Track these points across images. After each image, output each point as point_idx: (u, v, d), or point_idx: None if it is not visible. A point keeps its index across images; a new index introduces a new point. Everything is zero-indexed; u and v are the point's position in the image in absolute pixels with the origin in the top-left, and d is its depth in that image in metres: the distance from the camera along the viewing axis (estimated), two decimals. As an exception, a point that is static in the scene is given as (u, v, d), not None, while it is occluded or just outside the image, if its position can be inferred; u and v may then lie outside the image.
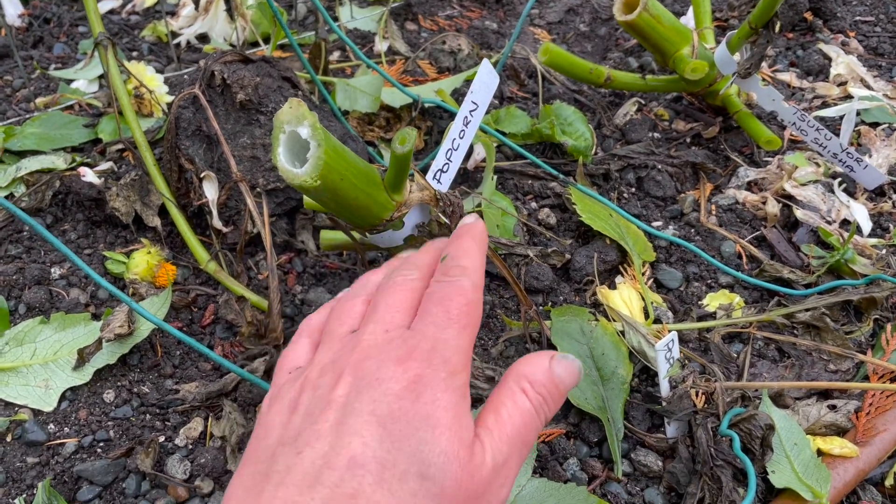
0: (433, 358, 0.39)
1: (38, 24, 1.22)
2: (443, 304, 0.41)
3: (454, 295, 0.42)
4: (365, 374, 0.38)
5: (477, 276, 0.44)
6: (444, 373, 0.38)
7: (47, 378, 0.65)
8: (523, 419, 0.40)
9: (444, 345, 0.39)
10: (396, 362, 0.38)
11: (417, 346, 0.39)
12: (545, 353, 0.43)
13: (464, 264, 0.44)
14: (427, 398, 0.37)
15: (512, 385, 0.41)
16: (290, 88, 0.80)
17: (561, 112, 0.92)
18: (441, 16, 1.29)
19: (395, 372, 0.38)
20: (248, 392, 0.64)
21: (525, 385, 0.41)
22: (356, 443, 0.35)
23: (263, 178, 0.76)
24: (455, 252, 0.45)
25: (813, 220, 0.83)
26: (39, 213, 0.82)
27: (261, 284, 0.76)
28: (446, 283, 0.43)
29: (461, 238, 0.47)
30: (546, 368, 0.42)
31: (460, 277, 0.43)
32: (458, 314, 0.41)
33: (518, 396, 0.41)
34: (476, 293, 0.42)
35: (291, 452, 0.36)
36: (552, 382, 0.41)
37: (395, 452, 0.35)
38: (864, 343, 0.71)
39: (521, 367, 0.42)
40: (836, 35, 1.21)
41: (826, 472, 0.58)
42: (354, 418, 0.36)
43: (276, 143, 0.50)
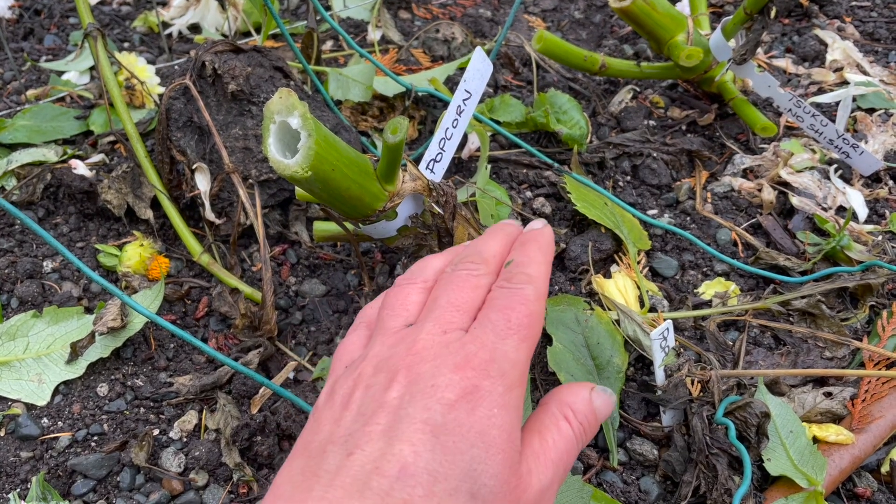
0: (491, 369, 0.38)
1: (29, 15, 1.21)
2: (504, 312, 0.40)
3: (517, 304, 0.40)
4: (419, 379, 0.37)
5: (542, 286, 0.43)
6: (502, 387, 0.37)
7: (40, 372, 0.65)
8: (566, 445, 0.40)
9: (503, 356, 0.38)
10: (453, 369, 0.37)
11: (476, 355, 0.38)
12: (586, 385, 0.44)
13: (529, 272, 0.43)
14: (482, 413, 0.36)
15: (555, 411, 0.42)
16: (282, 78, 0.80)
17: (555, 100, 0.92)
18: (435, 4, 1.28)
19: (452, 379, 0.37)
20: (243, 385, 0.64)
21: (568, 413, 0.42)
22: (408, 451, 0.34)
23: (256, 170, 0.75)
24: (521, 258, 0.44)
25: (809, 207, 0.83)
26: (31, 207, 0.81)
27: (254, 276, 0.75)
28: (509, 290, 0.41)
29: (528, 245, 0.46)
30: (587, 399, 0.43)
31: (525, 286, 0.42)
32: (519, 325, 0.40)
33: (562, 423, 0.41)
34: (539, 304, 0.42)
35: (342, 452, 0.35)
36: (592, 413, 0.42)
37: (447, 466, 0.34)
38: (859, 330, 0.71)
39: (564, 396, 0.43)
40: (832, 20, 1.20)
41: (822, 459, 0.58)
42: (407, 424, 0.35)
43: (267, 134, 0.50)
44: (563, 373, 0.63)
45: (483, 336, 0.39)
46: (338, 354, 0.46)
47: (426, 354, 0.38)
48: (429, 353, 0.39)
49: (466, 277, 0.43)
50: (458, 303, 0.41)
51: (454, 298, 0.42)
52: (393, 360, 0.39)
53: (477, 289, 0.43)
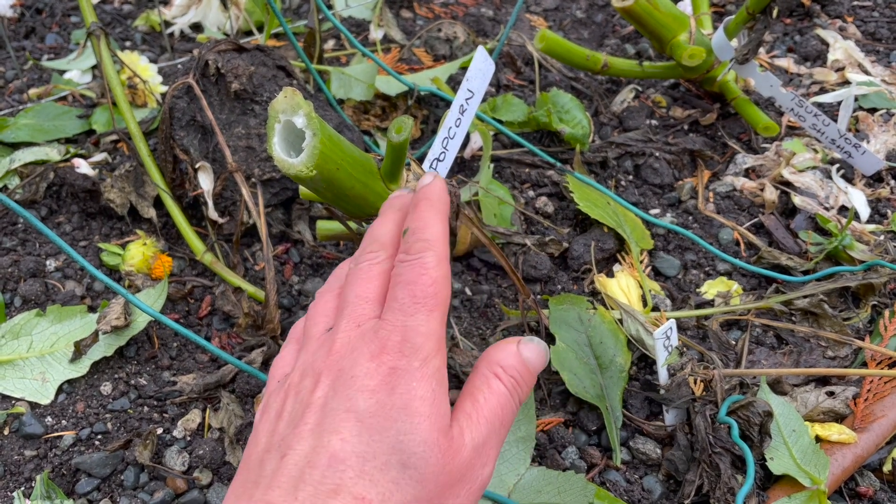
0: (404, 348, 0.39)
1: (31, 14, 1.21)
2: (408, 287, 0.41)
3: (418, 276, 0.41)
4: (341, 374, 0.39)
5: (440, 248, 0.43)
6: (418, 361, 0.39)
7: (44, 371, 0.65)
8: (499, 401, 0.41)
9: (415, 332, 0.39)
10: (370, 358, 0.39)
11: (389, 339, 0.39)
12: (512, 339, 0.44)
13: (426, 237, 0.43)
14: (402, 389, 0.37)
15: (485, 371, 0.43)
16: (285, 77, 0.80)
17: (558, 100, 0.92)
18: (437, 3, 1.28)
19: (370, 368, 0.38)
20: (246, 383, 0.64)
21: (497, 370, 0.42)
22: (335, 440, 0.36)
23: (259, 169, 0.75)
24: (415, 223, 0.44)
25: (811, 207, 0.83)
26: (34, 206, 0.81)
27: (257, 275, 0.76)
28: (409, 263, 0.42)
29: (419, 206, 0.46)
30: (515, 352, 0.43)
31: (423, 254, 0.42)
32: (425, 296, 0.40)
33: (492, 381, 0.42)
34: (440, 268, 0.42)
35: (276, 457, 0.37)
36: (522, 365, 0.43)
37: (374, 445, 0.36)
38: (862, 329, 0.71)
39: (491, 354, 0.44)
40: (833, 20, 1.20)
41: (824, 458, 0.58)
42: (332, 417, 0.37)
43: (272, 133, 0.50)
44: (566, 372, 0.63)
45: (392, 318, 0.40)
46: (271, 372, 0.47)
47: (344, 351, 0.40)
48: (346, 348, 0.40)
49: (368, 268, 0.44)
50: (364, 294, 0.42)
51: (360, 291, 0.43)
52: (316, 363, 0.41)
53: (381, 275, 0.43)
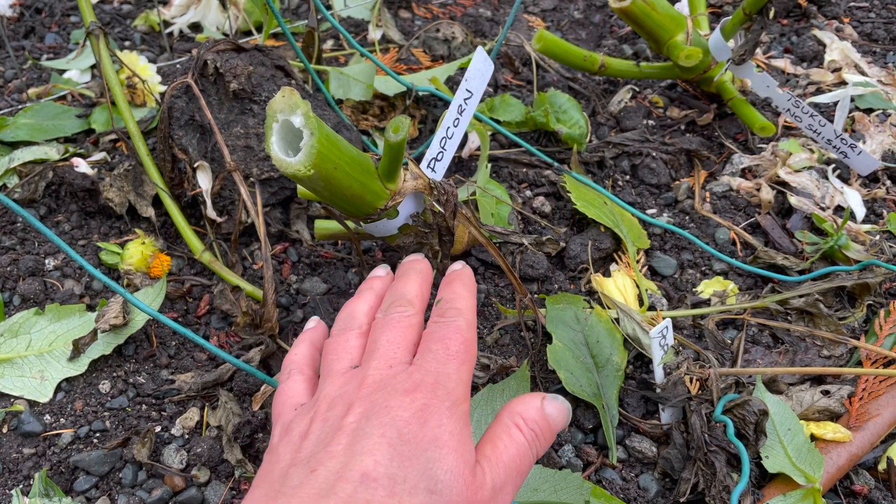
0: (437, 390, 0.42)
1: (30, 14, 1.21)
2: (443, 342, 0.45)
3: (452, 334, 0.45)
4: (374, 404, 0.41)
5: (471, 316, 0.47)
6: (448, 402, 0.41)
7: (43, 369, 0.65)
8: (518, 451, 0.43)
9: (447, 378, 0.43)
10: (404, 393, 0.41)
11: (423, 380, 0.42)
12: (538, 394, 0.46)
13: (459, 306, 0.48)
14: (433, 423, 0.40)
15: (507, 421, 0.45)
16: (284, 77, 0.80)
17: (555, 100, 0.92)
18: (435, 3, 1.28)
19: (403, 401, 0.41)
20: (244, 382, 0.65)
21: (519, 421, 0.44)
22: (368, 460, 0.37)
23: (257, 168, 0.76)
24: (449, 296, 0.49)
25: (807, 207, 0.83)
26: (33, 205, 0.81)
27: (256, 274, 0.76)
28: (443, 323, 0.46)
29: (453, 283, 0.51)
30: (538, 407, 0.45)
31: (456, 318, 0.46)
32: (457, 351, 0.44)
33: (513, 431, 0.44)
34: (471, 332, 0.46)
35: (304, 471, 0.38)
36: (544, 420, 0.45)
37: (405, 469, 0.38)
38: (857, 329, 0.72)
39: (515, 405, 0.46)
40: (830, 21, 1.21)
41: (819, 456, 0.58)
42: (366, 440, 0.39)
43: (270, 132, 0.50)
44: (563, 371, 0.63)
45: (427, 365, 0.43)
46: (279, 401, 0.48)
47: (377, 386, 0.42)
48: (379, 384, 0.42)
49: (399, 319, 0.47)
50: (397, 341, 0.46)
51: (393, 338, 0.46)
52: (346, 395, 0.43)
53: (410, 327, 0.47)
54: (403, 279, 0.52)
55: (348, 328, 0.50)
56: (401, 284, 0.52)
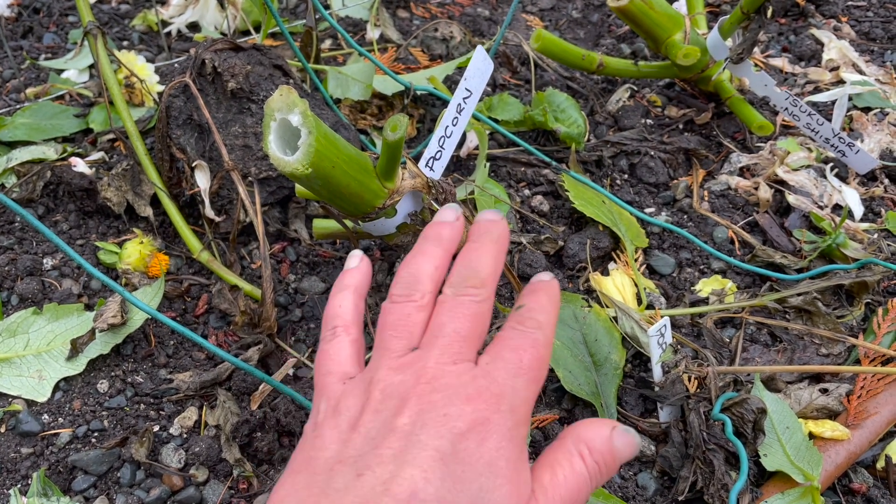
0: (501, 404, 0.38)
1: (28, 13, 1.21)
2: (517, 353, 0.41)
3: (528, 347, 0.41)
4: (431, 407, 0.38)
5: (550, 333, 0.43)
6: (511, 421, 0.38)
7: (41, 369, 0.65)
8: (577, 484, 0.40)
9: (514, 393, 0.39)
10: (465, 400, 0.38)
11: (487, 389, 0.39)
12: (608, 423, 0.42)
13: (540, 319, 0.43)
14: (492, 444, 0.37)
15: (570, 447, 0.41)
16: (282, 76, 0.80)
17: (553, 99, 0.92)
18: (433, 3, 1.28)
19: (463, 410, 0.37)
20: (242, 381, 0.64)
21: (584, 450, 0.41)
22: (418, 476, 0.35)
23: (255, 167, 0.76)
24: (532, 304, 0.44)
25: (805, 205, 0.83)
26: (31, 204, 0.81)
27: (254, 273, 0.76)
28: (522, 332, 0.42)
29: (539, 293, 0.46)
30: (607, 438, 0.41)
31: (536, 331, 0.42)
32: (530, 367, 0.40)
33: (575, 460, 0.40)
34: (547, 350, 0.42)
35: (351, 473, 0.36)
36: (610, 454, 0.41)
37: (455, 494, 0.35)
38: (855, 327, 0.72)
39: (582, 431, 0.42)
40: (828, 20, 1.21)
41: (818, 455, 0.58)
42: (418, 451, 0.36)
43: (268, 131, 0.50)
44: (562, 369, 0.63)
45: (495, 372, 0.39)
46: (324, 366, 0.45)
47: (437, 384, 0.39)
48: (439, 382, 0.39)
49: (470, 304, 0.43)
50: (464, 333, 0.41)
51: (460, 328, 0.42)
52: (403, 387, 0.39)
53: (480, 316, 0.43)
54: (477, 247, 0.46)
55: (410, 297, 0.44)
56: (474, 255, 0.45)
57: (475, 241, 0.47)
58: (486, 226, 0.47)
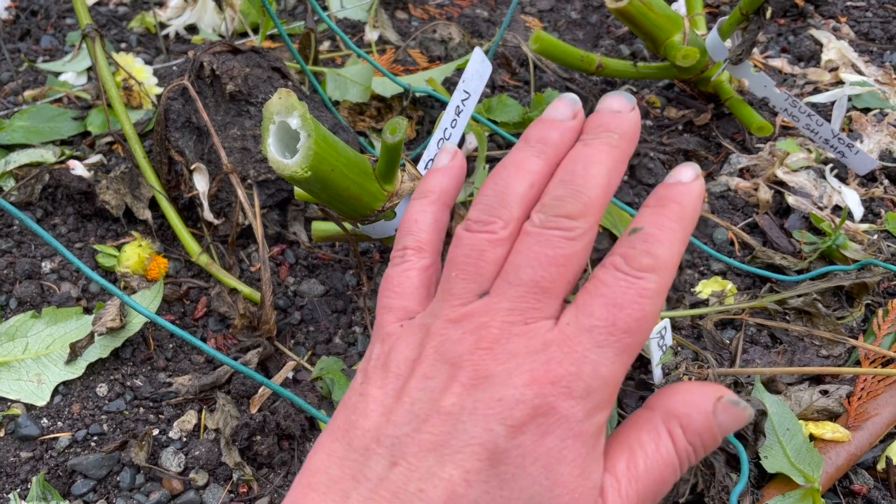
0: (574, 386, 0.31)
1: (26, 16, 1.21)
2: (611, 309, 0.31)
3: (630, 300, 0.31)
4: (485, 383, 0.31)
5: (668, 276, 0.32)
6: (583, 411, 0.31)
7: (40, 372, 0.65)
8: (662, 472, 0.32)
9: (593, 371, 0.31)
10: (528, 381, 0.30)
11: (560, 363, 0.31)
12: (711, 391, 0.33)
13: (658, 253, 0.32)
14: (552, 442, 0.30)
15: (659, 424, 0.33)
16: (280, 79, 0.80)
17: (552, 100, 0.92)
18: (431, 4, 1.28)
19: (524, 394, 0.30)
20: (242, 384, 0.64)
21: (676, 429, 0.32)
22: (457, 476, 0.30)
23: (254, 170, 0.75)
24: (652, 228, 0.32)
25: (805, 206, 0.83)
26: (29, 207, 0.81)
27: (253, 276, 0.76)
28: (626, 278, 0.32)
29: (666, 209, 0.33)
30: (708, 413, 0.32)
31: (647, 275, 0.31)
32: (626, 330, 0.31)
33: (663, 441, 0.32)
34: (658, 303, 0.32)
35: (386, 459, 0.31)
36: (709, 432, 0.32)
37: (498, 501, 0.30)
38: (855, 328, 0.72)
39: (676, 403, 0.33)
40: (827, 20, 1.21)
41: (818, 456, 0.58)
42: (461, 441, 0.30)
43: (266, 134, 0.50)
44: (562, 372, 0.63)
45: (575, 339, 0.31)
46: (386, 298, 0.38)
47: (498, 352, 0.31)
48: (501, 349, 0.32)
49: (559, 242, 0.33)
50: (545, 282, 0.32)
51: (541, 275, 0.32)
52: (458, 348, 0.32)
53: (572, 257, 0.33)
54: (588, 153, 0.35)
55: (489, 224, 0.35)
56: (581, 165, 0.34)
57: (586, 143, 0.35)
58: (607, 118, 0.35)
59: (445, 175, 0.41)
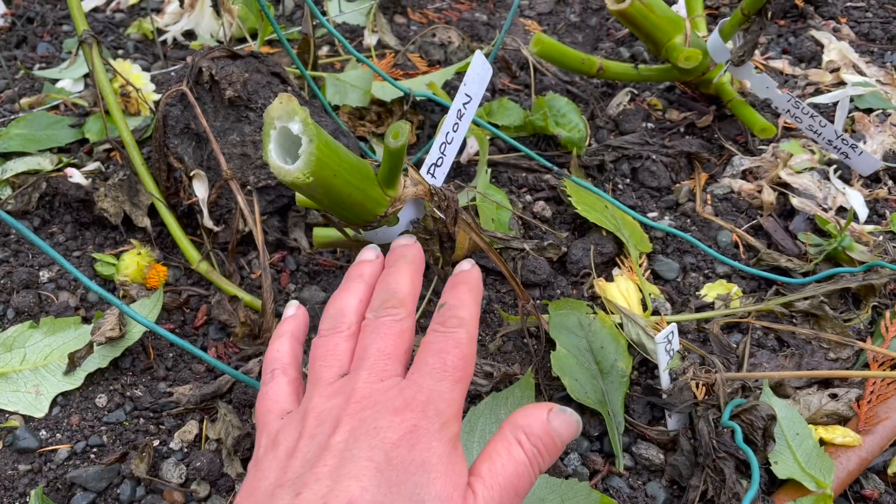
0: (428, 409, 0.40)
1: (22, 23, 1.20)
2: (440, 356, 0.42)
3: (451, 348, 0.43)
4: (362, 423, 0.39)
5: (472, 328, 0.45)
6: (439, 423, 0.40)
7: (38, 384, 0.64)
8: (516, 470, 0.41)
9: (439, 397, 0.41)
10: (393, 412, 0.40)
11: (414, 398, 0.40)
12: (544, 406, 0.43)
13: (461, 315, 0.45)
14: (422, 446, 0.39)
15: (508, 435, 0.42)
16: (280, 84, 0.79)
17: (554, 103, 0.91)
18: (430, 8, 1.27)
19: (392, 422, 0.39)
20: (243, 393, 0.63)
21: (521, 436, 0.42)
22: (354, 486, 0.36)
23: (254, 176, 0.75)
24: (452, 301, 0.46)
25: (809, 208, 0.83)
26: (26, 216, 0.80)
27: (254, 284, 0.75)
28: (443, 334, 0.44)
29: (458, 287, 0.48)
30: (543, 421, 0.42)
31: (457, 329, 0.44)
32: (454, 366, 0.42)
33: (513, 447, 0.41)
34: (471, 346, 0.44)
35: (290, 493, 0.37)
36: (548, 435, 0.42)
37: (391, 496, 0.36)
38: (863, 331, 0.71)
39: (518, 418, 0.43)
40: (827, 21, 1.21)
41: (829, 461, 0.57)
42: (353, 464, 0.37)
43: (267, 140, 0.49)
44: (568, 377, 0.62)
45: (420, 380, 0.41)
46: (264, 406, 0.46)
47: (366, 402, 0.41)
48: (369, 400, 0.41)
49: (391, 324, 0.45)
50: (388, 350, 0.44)
51: (384, 346, 0.44)
52: (335, 410, 0.41)
53: (402, 333, 0.45)
54: (394, 271, 0.49)
55: (337, 329, 0.47)
56: (392, 278, 0.49)
57: (391, 267, 0.50)
58: (401, 251, 0.51)
59: (294, 320, 0.52)
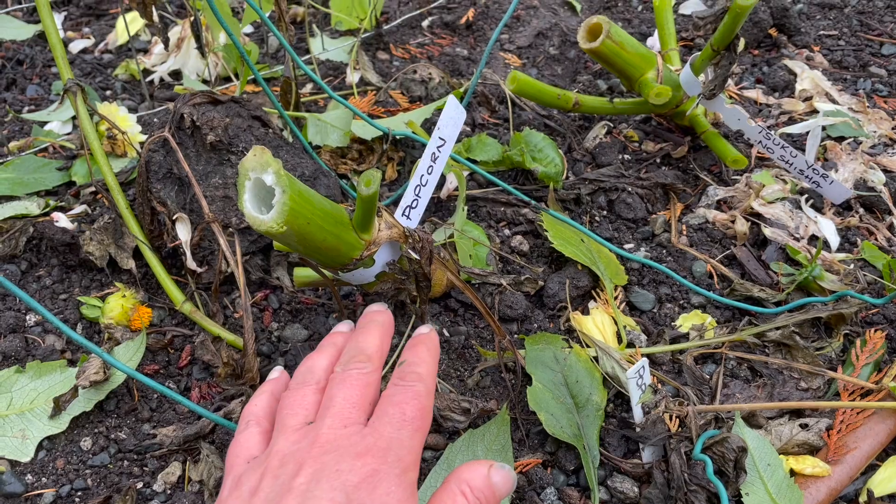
0: (388, 455, 0.43)
1: (11, 65, 1.22)
2: (400, 406, 0.46)
3: (410, 399, 0.47)
4: (325, 466, 0.42)
5: (430, 383, 0.49)
6: (398, 469, 0.43)
7: (24, 428, 0.65)
8: None
9: (399, 444, 0.44)
10: (355, 457, 0.42)
11: (375, 444, 0.43)
12: (485, 462, 0.47)
13: (420, 371, 0.49)
14: (383, 490, 0.41)
15: (453, 487, 0.46)
16: (261, 127, 0.81)
17: (531, 139, 0.93)
18: (412, 44, 1.30)
19: (354, 465, 0.42)
20: (226, 434, 0.65)
21: (465, 489, 0.45)
22: None
23: (236, 218, 0.76)
24: (412, 359, 0.51)
25: (781, 238, 0.84)
26: (13, 260, 0.82)
27: (237, 323, 0.76)
28: (402, 387, 0.48)
29: (417, 347, 0.53)
30: (485, 475, 0.46)
31: (416, 384, 0.48)
32: (413, 417, 0.46)
33: (458, 498, 0.45)
34: (429, 399, 0.48)
35: None
36: (489, 489, 0.46)
37: None
38: (834, 359, 0.72)
39: (462, 473, 0.47)
40: (800, 50, 1.23)
41: (799, 492, 0.58)
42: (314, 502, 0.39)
43: (242, 190, 0.51)
44: (544, 412, 0.64)
45: (381, 428, 0.45)
46: (234, 452, 0.49)
47: (329, 447, 0.43)
48: (331, 445, 0.43)
49: (357, 376, 0.49)
50: (353, 399, 0.47)
51: (349, 395, 0.47)
52: (299, 453, 0.44)
53: (368, 385, 0.49)
54: (364, 331, 0.54)
55: (306, 382, 0.51)
56: (361, 337, 0.53)
57: (361, 328, 0.54)
58: (372, 315, 0.56)
59: (276, 382, 0.57)
